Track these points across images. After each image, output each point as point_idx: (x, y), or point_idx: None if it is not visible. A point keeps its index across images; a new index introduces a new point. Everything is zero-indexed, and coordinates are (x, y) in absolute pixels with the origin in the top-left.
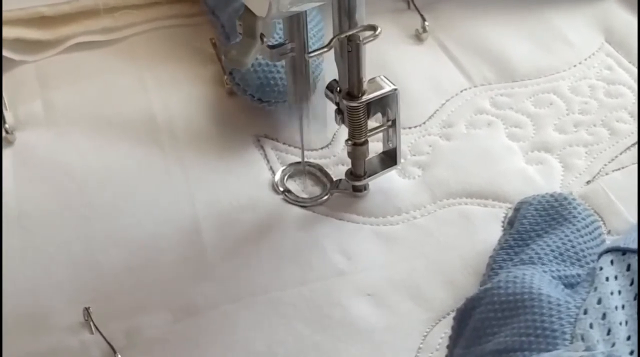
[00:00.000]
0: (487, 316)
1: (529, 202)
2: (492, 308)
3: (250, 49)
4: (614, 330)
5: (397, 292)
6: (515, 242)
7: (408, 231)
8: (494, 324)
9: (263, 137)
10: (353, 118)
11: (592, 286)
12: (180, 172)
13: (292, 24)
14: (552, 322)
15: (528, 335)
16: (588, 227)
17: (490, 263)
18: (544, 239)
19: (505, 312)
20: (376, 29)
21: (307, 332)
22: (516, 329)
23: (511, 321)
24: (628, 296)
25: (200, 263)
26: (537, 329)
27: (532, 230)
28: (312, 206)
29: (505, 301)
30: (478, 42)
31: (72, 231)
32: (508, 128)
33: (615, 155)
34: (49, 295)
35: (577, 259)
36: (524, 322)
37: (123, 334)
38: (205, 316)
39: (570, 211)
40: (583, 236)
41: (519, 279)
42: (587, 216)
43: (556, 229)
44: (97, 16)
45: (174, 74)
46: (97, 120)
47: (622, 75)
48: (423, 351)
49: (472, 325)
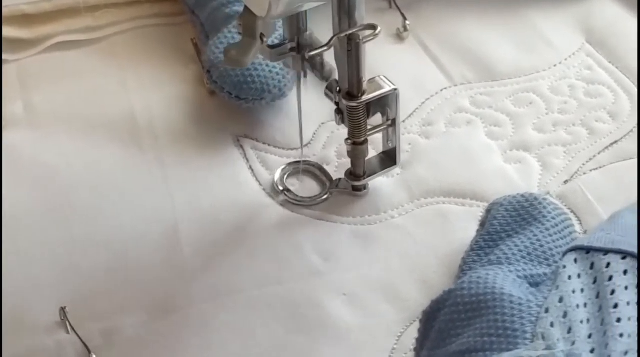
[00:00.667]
0: (452, 317)
1: (500, 203)
2: (456, 309)
3: (250, 49)
4: (574, 328)
5: (373, 293)
6: (486, 243)
7: (385, 231)
8: (458, 325)
9: (243, 137)
10: (353, 118)
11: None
12: (160, 172)
13: (292, 24)
14: (514, 322)
15: (490, 335)
16: (557, 227)
17: (461, 265)
18: (512, 240)
19: (469, 313)
20: (376, 28)
21: (283, 331)
22: (479, 329)
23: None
24: (590, 294)
25: (177, 263)
26: (498, 329)
27: (502, 230)
28: (311, 206)
29: (469, 302)
30: (459, 42)
31: (51, 231)
32: (487, 127)
33: (593, 154)
34: (26, 295)
35: (545, 259)
36: (487, 323)
37: (99, 333)
38: (182, 315)
39: (540, 210)
40: (552, 235)
41: (482, 280)
42: (557, 216)
43: (525, 229)
44: (78, 15)
45: (155, 74)
46: (78, 121)
47: (602, 75)
48: (397, 351)
49: (438, 327)
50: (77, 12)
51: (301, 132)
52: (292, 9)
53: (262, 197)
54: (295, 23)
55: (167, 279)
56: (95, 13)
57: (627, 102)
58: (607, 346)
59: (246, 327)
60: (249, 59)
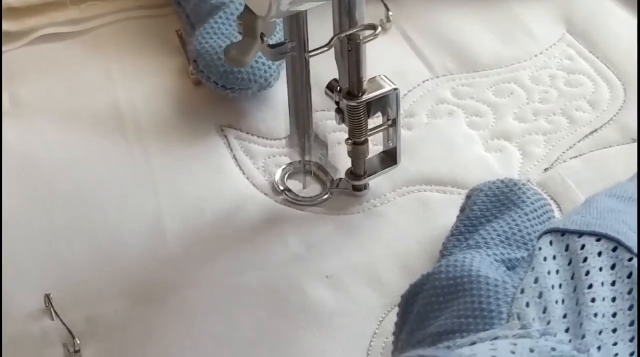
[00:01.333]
0: (430, 300)
1: (480, 189)
2: (434, 293)
3: (251, 48)
4: (550, 309)
5: (355, 278)
6: (466, 228)
7: (367, 219)
8: (435, 308)
9: (227, 127)
10: (353, 118)
11: (530, 266)
12: (144, 162)
13: (292, 23)
14: (490, 303)
15: (467, 317)
16: (537, 212)
17: (442, 250)
18: (492, 224)
19: (447, 296)
20: (376, 29)
21: (265, 316)
22: (456, 311)
23: (451, 304)
24: (565, 276)
25: (161, 251)
26: (475, 310)
27: (482, 216)
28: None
29: (447, 285)
30: (441, 33)
31: (34, 220)
32: (469, 117)
33: (573, 143)
34: (10, 284)
35: (523, 243)
36: (463, 305)
37: (83, 320)
38: (165, 301)
39: (519, 196)
40: (531, 220)
41: (459, 263)
42: (536, 201)
43: (505, 214)
44: (64, 8)
45: (140, 65)
46: (63, 113)
47: (583, 65)
48: (378, 336)
49: (416, 310)
50: (62, 4)
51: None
52: (292, 9)
53: (245, 186)
54: (295, 23)
55: (151, 267)
56: (80, 5)
57: (607, 92)
58: (582, 326)
59: (229, 313)
60: (249, 59)
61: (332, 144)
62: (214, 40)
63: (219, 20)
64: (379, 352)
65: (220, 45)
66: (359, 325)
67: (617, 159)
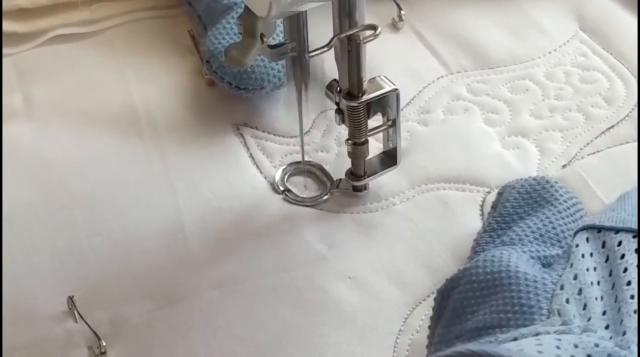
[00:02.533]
0: (466, 295)
1: (512, 186)
2: (471, 287)
3: (251, 48)
4: (589, 305)
5: (378, 277)
6: (498, 225)
7: (387, 217)
8: (472, 303)
9: (242, 126)
10: (353, 118)
11: (568, 262)
12: (161, 162)
13: (292, 24)
14: (529, 299)
15: (506, 312)
16: (569, 209)
17: (474, 246)
18: (525, 221)
19: (484, 290)
20: (376, 29)
21: (289, 316)
22: (494, 306)
23: (489, 299)
24: (603, 273)
25: (182, 251)
26: (514, 305)
27: (514, 213)
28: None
29: (484, 280)
30: (454, 30)
31: (54, 222)
32: (485, 114)
33: (590, 139)
34: (32, 286)
35: (557, 240)
36: (502, 300)
37: (107, 322)
38: (188, 303)
39: (552, 193)
40: (564, 218)
41: (496, 258)
42: (568, 199)
43: (538, 211)
44: (75, 8)
45: (153, 66)
46: (77, 113)
47: (597, 62)
48: (404, 333)
49: (452, 305)
50: (73, 5)
51: (302, 142)
52: (293, 9)
53: (263, 185)
54: (295, 23)
55: (172, 267)
56: (91, 6)
57: (622, 88)
58: (622, 322)
59: (252, 314)
60: (249, 59)
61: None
62: (226, 41)
63: (231, 21)
64: (405, 349)
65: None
66: (383, 323)
67: (634, 155)
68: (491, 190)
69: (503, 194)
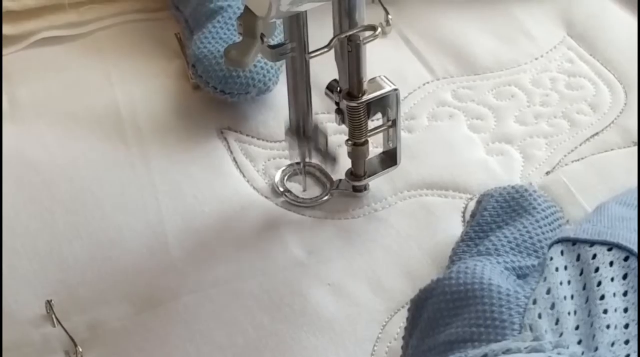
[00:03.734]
0: (439, 306)
1: (491, 194)
2: (444, 299)
3: (251, 49)
4: (562, 320)
5: (357, 283)
6: (476, 233)
7: (368, 224)
8: (445, 314)
9: (226, 129)
10: (353, 118)
11: (541, 275)
12: (144, 165)
13: (292, 24)
14: (502, 313)
15: (478, 326)
16: (547, 218)
17: (452, 255)
18: (502, 230)
19: (457, 302)
20: (376, 29)
21: (268, 321)
22: (467, 319)
23: (462, 311)
24: (577, 286)
25: (162, 255)
26: (486, 319)
27: (492, 222)
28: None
29: (456, 291)
30: (440, 36)
31: (36, 224)
32: (469, 120)
33: (575, 146)
34: (12, 289)
35: (534, 250)
36: (474, 313)
37: (85, 326)
38: (166, 307)
39: (530, 202)
40: (542, 227)
41: (470, 270)
42: (547, 208)
43: (515, 221)
44: (62, 11)
45: (139, 68)
46: (62, 115)
47: (583, 68)
48: (382, 340)
49: (426, 315)
50: (61, 8)
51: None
52: (292, 9)
53: (245, 189)
54: (295, 23)
55: (152, 271)
56: (79, 9)
57: (608, 95)
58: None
59: (231, 318)
60: (249, 59)
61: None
62: (212, 45)
63: (217, 25)
64: (382, 356)
65: (218, 49)
66: (361, 329)
67: (618, 162)
68: (473, 196)
69: (482, 202)
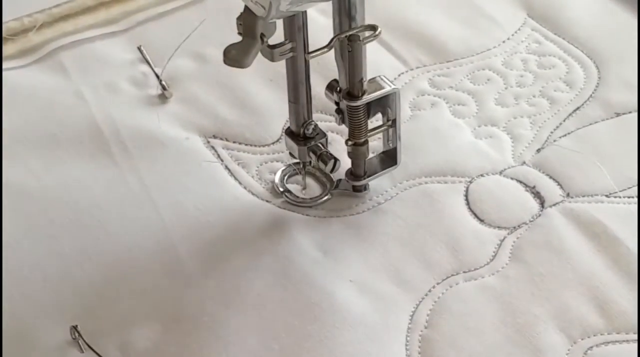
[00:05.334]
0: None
1: None
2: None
3: (250, 49)
4: None
5: (378, 276)
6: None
7: (375, 217)
8: None
9: (212, 138)
10: (353, 118)
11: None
12: (138, 182)
13: (292, 24)
14: None
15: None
16: None
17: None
18: None
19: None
20: (376, 29)
21: (299, 323)
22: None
23: None
24: None
25: (177, 269)
26: None
27: None
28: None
29: None
30: (406, 26)
31: (41, 252)
32: (451, 106)
33: (559, 122)
34: (31, 317)
35: None
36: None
37: (115, 348)
38: (194, 320)
39: None
40: None
41: None
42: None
43: None
44: (25, 35)
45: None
46: (43, 139)
47: (551, 47)
48: (412, 330)
49: None
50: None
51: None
52: (292, 9)
53: (244, 195)
54: (295, 23)
55: (170, 286)
56: (28, 34)
57: (580, 70)
58: None
59: (261, 325)
60: (249, 60)
61: None
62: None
63: None
64: (416, 345)
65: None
66: (391, 320)
67: (604, 133)
68: (472, 179)
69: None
